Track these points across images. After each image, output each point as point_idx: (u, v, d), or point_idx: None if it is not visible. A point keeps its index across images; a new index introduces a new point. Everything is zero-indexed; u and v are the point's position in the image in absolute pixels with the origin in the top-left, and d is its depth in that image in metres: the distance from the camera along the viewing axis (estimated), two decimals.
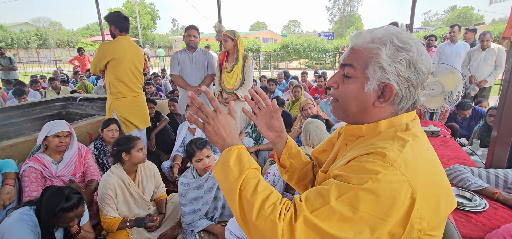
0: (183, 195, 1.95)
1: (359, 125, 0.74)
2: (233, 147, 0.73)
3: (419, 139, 0.67)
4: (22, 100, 4.30)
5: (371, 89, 0.68)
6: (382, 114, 0.71)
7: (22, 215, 1.40)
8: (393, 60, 0.65)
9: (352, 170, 0.62)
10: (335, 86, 0.76)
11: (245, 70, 3.05)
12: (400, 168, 0.58)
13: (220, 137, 0.76)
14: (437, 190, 0.62)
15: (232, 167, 0.69)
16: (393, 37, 0.66)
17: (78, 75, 7.47)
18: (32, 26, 34.63)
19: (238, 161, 0.70)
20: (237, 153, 0.72)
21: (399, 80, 0.66)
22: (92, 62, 2.64)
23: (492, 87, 4.45)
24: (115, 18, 2.56)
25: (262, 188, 0.66)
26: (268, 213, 0.61)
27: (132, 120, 2.74)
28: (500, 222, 1.33)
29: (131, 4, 32.37)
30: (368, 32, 0.70)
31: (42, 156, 1.97)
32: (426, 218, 0.58)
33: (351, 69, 0.70)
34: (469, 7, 42.23)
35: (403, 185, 0.57)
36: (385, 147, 0.62)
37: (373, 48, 0.67)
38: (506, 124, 1.75)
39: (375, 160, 0.60)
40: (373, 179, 0.57)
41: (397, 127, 0.69)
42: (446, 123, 3.48)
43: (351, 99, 0.72)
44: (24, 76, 11.32)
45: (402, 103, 0.69)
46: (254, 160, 0.74)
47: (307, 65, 18.31)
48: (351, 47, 0.73)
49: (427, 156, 0.65)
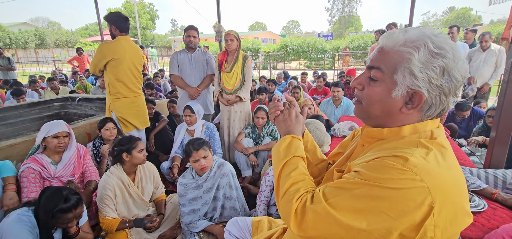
0: (182, 195, 1.94)
1: (381, 128, 0.72)
2: (288, 136, 0.84)
3: (445, 149, 0.64)
4: (20, 101, 4.29)
5: (398, 95, 0.65)
6: (407, 120, 0.68)
7: (21, 215, 1.40)
8: (426, 66, 0.61)
9: (372, 168, 0.62)
10: (360, 88, 0.73)
11: (245, 71, 3.05)
12: (420, 174, 0.56)
13: (286, 124, 0.88)
14: (457, 203, 0.60)
15: (281, 150, 0.81)
16: (428, 41, 0.62)
17: (77, 75, 7.45)
18: (30, 26, 34.54)
19: (287, 147, 0.82)
20: (290, 140, 0.83)
21: (430, 88, 0.62)
22: (91, 62, 2.63)
23: (491, 88, 4.46)
24: (115, 19, 2.55)
25: (296, 173, 0.75)
26: (291, 193, 0.70)
27: (131, 120, 2.73)
28: (499, 222, 1.34)
29: (130, 4, 32.33)
30: (401, 33, 0.65)
31: (40, 157, 1.96)
32: (440, 227, 0.57)
33: (379, 73, 0.67)
34: (468, 8, 42.35)
35: (422, 191, 0.56)
36: (408, 151, 0.61)
37: (405, 53, 0.63)
38: (504, 124, 1.76)
39: (396, 162, 0.59)
40: (390, 180, 0.57)
41: (421, 134, 0.67)
42: (445, 123, 3.48)
43: (376, 102, 0.69)
44: (23, 76, 11.29)
45: (430, 110, 0.66)
46: (303, 151, 0.83)
47: (307, 65, 18.33)
48: (380, 48, 0.68)
49: (451, 168, 0.63)
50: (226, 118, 3.22)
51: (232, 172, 2.03)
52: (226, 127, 3.24)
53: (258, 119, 2.96)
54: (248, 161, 2.87)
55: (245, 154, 2.86)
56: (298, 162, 0.78)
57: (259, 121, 2.96)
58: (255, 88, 4.99)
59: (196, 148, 1.88)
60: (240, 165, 2.92)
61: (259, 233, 1.27)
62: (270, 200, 2.05)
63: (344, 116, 3.52)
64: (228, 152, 3.30)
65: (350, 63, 13.84)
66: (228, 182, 1.98)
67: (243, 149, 2.87)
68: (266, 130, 3.03)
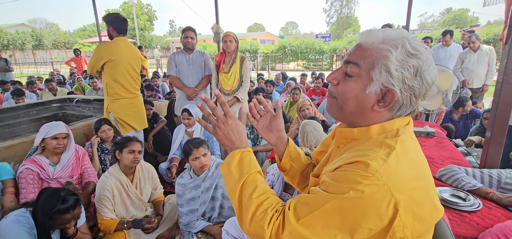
0: (180, 196, 1.95)
1: (352, 128, 0.73)
2: (236, 151, 0.77)
3: (406, 144, 0.65)
4: (20, 101, 4.28)
5: (372, 92, 0.66)
6: (377, 118, 0.69)
7: (19, 216, 1.40)
8: (401, 65, 0.63)
9: (336, 178, 0.62)
10: (334, 83, 0.73)
11: (243, 72, 3.07)
12: (382, 178, 0.57)
13: (230, 140, 0.80)
14: (422, 199, 0.61)
15: (233, 171, 0.74)
16: (405, 41, 0.63)
17: (74, 76, 7.44)
18: (28, 27, 34.40)
19: (239, 165, 0.75)
20: (239, 157, 0.76)
21: (402, 88, 0.64)
22: (89, 63, 2.64)
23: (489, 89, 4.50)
24: (113, 20, 2.56)
25: (258, 193, 0.70)
26: (259, 218, 0.66)
27: (129, 121, 2.73)
28: (493, 221, 1.35)
29: (128, 5, 32.31)
30: (380, 32, 0.66)
31: (39, 158, 1.97)
32: (409, 226, 0.58)
33: (356, 68, 0.67)
34: (465, 9, 42.67)
35: (385, 195, 0.57)
36: (369, 155, 0.61)
37: (383, 50, 0.64)
38: (499, 124, 1.78)
39: (358, 169, 0.60)
40: (354, 189, 0.57)
41: (388, 133, 0.68)
42: (442, 123, 3.51)
43: (350, 98, 0.69)
44: (20, 77, 11.22)
45: (400, 110, 0.68)
46: (256, 164, 0.76)
47: (305, 66, 18.38)
48: (359, 44, 0.69)
49: (413, 164, 0.64)
50: None
51: None
52: None
53: None
54: None
55: None
56: (256, 179, 0.73)
57: None
58: (253, 89, 5.01)
59: (196, 146, 1.89)
60: None
61: None
62: None
63: None
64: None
65: None
66: None
67: None
68: None
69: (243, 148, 0.79)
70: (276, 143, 0.94)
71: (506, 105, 1.73)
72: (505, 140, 1.82)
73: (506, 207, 1.45)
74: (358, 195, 0.57)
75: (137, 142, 1.99)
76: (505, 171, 1.68)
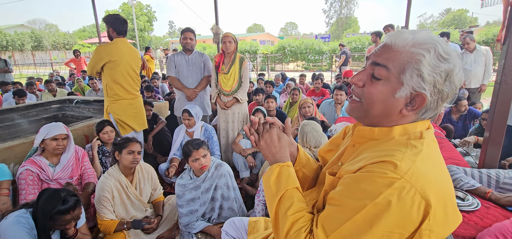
0: (180, 196, 1.95)
1: (372, 128, 0.71)
2: (275, 166, 0.78)
3: (431, 147, 0.65)
4: (20, 102, 4.28)
5: (402, 96, 0.64)
6: (402, 120, 0.68)
7: (19, 217, 1.40)
8: (434, 70, 0.61)
9: (362, 181, 0.60)
10: (360, 84, 0.70)
11: (242, 73, 3.07)
12: (411, 180, 0.56)
13: (271, 152, 0.81)
14: (447, 202, 0.60)
15: (271, 185, 0.75)
16: (437, 45, 0.61)
17: (74, 77, 7.44)
18: (27, 28, 34.40)
19: (277, 180, 0.76)
20: (278, 171, 0.77)
21: (433, 92, 0.62)
22: (88, 64, 2.64)
23: (487, 89, 4.51)
24: (113, 21, 2.56)
25: (293, 211, 0.70)
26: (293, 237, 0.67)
27: (129, 122, 2.74)
28: (492, 220, 1.36)
29: (127, 6, 32.32)
30: (409, 34, 0.64)
31: (39, 159, 1.97)
32: (435, 231, 0.57)
33: (384, 71, 0.65)
34: (464, 10, 42.73)
35: (416, 197, 0.55)
36: (396, 155, 0.60)
37: (416, 53, 0.61)
38: (497, 124, 1.79)
39: (386, 170, 0.58)
40: (384, 194, 0.56)
41: (411, 135, 0.66)
42: (441, 124, 3.52)
43: (378, 102, 0.67)
44: (20, 78, 11.21)
45: (426, 113, 0.66)
46: (294, 179, 0.77)
47: (304, 67, 18.39)
48: (386, 45, 0.66)
49: (439, 168, 0.63)
50: (223, 120, 3.23)
51: (229, 172, 2.05)
52: (223, 129, 3.26)
53: None
54: (246, 162, 2.89)
55: (243, 155, 2.87)
56: (293, 196, 0.73)
57: None
58: (253, 90, 5.01)
59: (195, 147, 1.89)
60: (238, 166, 2.93)
61: (256, 233, 1.29)
62: None
63: (340, 117, 3.54)
64: (224, 154, 3.31)
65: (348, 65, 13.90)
66: (226, 183, 2.00)
67: (241, 150, 2.88)
68: None
69: (282, 162, 0.79)
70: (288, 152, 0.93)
71: (504, 106, 1.74)
72: (503, 140, 1.82)
73: (505, 206, 1.46)
74: (389, 200, 0.55)
75: (136, 143, 2.00)
76: (504, 171, 1.69)
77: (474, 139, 2.75)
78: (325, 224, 0.63)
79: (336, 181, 0.71)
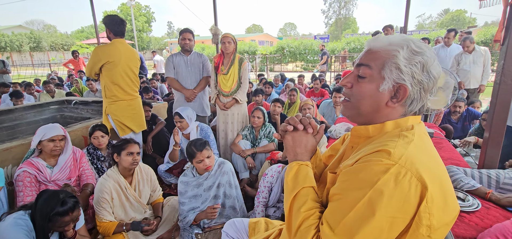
0: (182, 193, 1.96)
1: (366, 126, 0.77)
2: (294, 163, 0.83)
3: (423, 138, 0.70)
4: (18, 103, 4.26)
5: (385, 89, 0.71)
6: (392, 114, 0.74)
7: (17, 219, 1.39)
8: (409, 62, 0.69)
9: (359, 171, 0.65)
10: (348, 86, 0.78)
11: (242, 73, 3.07)
12: (406, 164, 0.60)
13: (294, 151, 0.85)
14: (444, 188, 0.64)
15: (289, 181, 0.80)
16: (409, 42, 0.70)
17: (72, 78, 7.42)
18: (26, 29, 34.27)
19: (295, 176, 0.80)
20: (297, 169, 0.81)
21: (413, 82, 0.70)
22: (87, 65, 2.63)
23: (486, 89, 4.53)
24: (110, 22, 2.55)
25: (306, 208, 0.74)
26: (303, 232, 0.71)
27: (128, 123, 2.73)
28: (492, 221, 1.36)
29: (126, 7, 32.27)
30: (385, 37, 0.74)
31: (36, 160, 1.96)
32: (435, 215, 0.60)
33: (367, 69, 0.73)
34: (462, 10, 42.88)
35: (412, 179, 0.59)
36: (389, 144, 0.65)
37: (391, 50, 0.70)
38: (497, 125, 1.79)
39: (381, 158, 0.63)
40: (382, 180, 0.60)
41: (403, 128, 0.72)
42: (440, 124, 3.52)
43: (365, 98, 0.75)
44: (18, 79, 11.19)
45: (412, 105, 0.73)
46: (311, 178, 0.80)
47: (303, 67, 18.40)
48: (368, 49, 0.76)
49: (431, 156, 0.68)
50: (222, 121, 3.23)
51: (232, 170, 2.05)
52: (222, 130, 3.25)
53: (254, 118, 2.96)
54: (245, 163, 2.88)
55: (242, 156, 2.87)
56: (308, 194, 0.77)
57: (255, 120, 2.97)
58: (252, 91, 5.01)
59: (199, 149, 1.88)
60: (238, 167, 2.92)
61: (256, 234, 1.28)
62: (268, 201, 2.05)
63: (340, 118, 3.54)
64: (223, 155, 3.30)
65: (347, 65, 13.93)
66: (228, 180, 2.00)
67: (241, 151, 2.88)
68: (263, 132, 3.04)
69: (302, 161, 0.83)
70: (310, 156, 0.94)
71: (504, 106, 1.74)
72: (503, 140, 1.82)
73: (505, 207, 1.46)
74: (387, 185, 0.59)
75: (135, 144, 1.99)
76: (504, 171, 1.69)
77: (474, 139, 2.75)
78: (330, 219, 0.66)
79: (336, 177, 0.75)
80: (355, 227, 0.61)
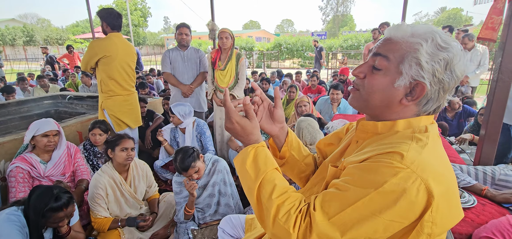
0: (177, 193, 1.94)
1: (375, 122, 0.72)
2: (250, 147, 0.72)
3: (437, 142, 0.65)
4: (10, 99, 4.19)
5: (401, 85, 0.65)
6: (404, 113, 0.68)
7: (9, 215, 1.37)
8: (432, 58, 0.62)
9: (367, 170, 0.60)
10: (361, 76, 0.72)
11: (239, 69, 3.05)
12: (417, 170, 0.56)
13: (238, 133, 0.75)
14: (450, 197, 0.60)
15: (248, 169, 0.69)
16: (436, 34, 0.63)
17: (68, 73, 7.33)
18: (19, 22, 33.72)
19: (254, 163, 0.70)
20: (254, 153, 0.71)
21: (432, 81, 0.63)
22: (82, 59, 2.58)
23: (480, 88, 4.56)
24: (107, 15, 2.50)
25: (277, 193, 0.65)
26: (282, 221, 0.62)
27: (124, 118, 2.69)
28: (488, 217, 1.36)
29: (121, 1, 31.88)
30: (409, 26, 0.66)
31: (29, 156, 1.92)
32: (438, 224, 0.57)
33: (385, 61, 0.66)
34: (459, 9, 43.11)
35: (420, 187, 0.55)
36: (402, 147, 0.60)
37: (414, 43, 0.63)
38: (493, 122, 1.79)
39: (392, 160, 0.58)
40: (389, 182, 0.56)
41: (415, 128, 0.66)
42: (436, 121, 3.54)
43: (377, 92, 0.68)
44: (11, 73, 11.03)
45: (427, 105, 0.67)
46: (272, 160, 0.71)
47: (300, 64, 18.39)
48: (387, 38, 0.68)
49: (443, 162, 0.63)
50: (219, 117, 3.21)
51: (226, 168, 2.03)
52: (219, 126, 3.23)
53: None
54: None
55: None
56: (274, 177, 0.68)
57: None
58: (249, 87, 4.98)
59: (185, 169, 1.80)
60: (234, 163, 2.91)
61: (253, 230, 1.27)
62: None
63: (337, 114, 3.54)
64: (220, 151, 3.29)
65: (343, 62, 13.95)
66: (223, 179, 1.99)
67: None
68: None
69: (257, 142, 0.74)
70: (278, 134, 0.90)
71: (501, 103, 1.75)
72: (499, 137, 1.83)
73: (500, 203, 1.47)
74: (393, 189, 0.55)
75: (129, 139, 1.96)
76: (499, 168, 1.69)
77: (470, 136, 2.77)
78: (326, 207, 0.61)
79: (339, 172, 0.70)
80: (350, 223, 0.58)
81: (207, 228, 1.94)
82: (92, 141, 2.49)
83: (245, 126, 0.74)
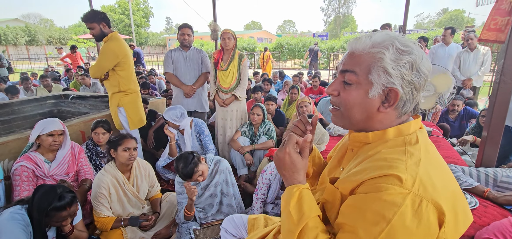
0: (179, 193, 1.95)
1: (366, 132, 0.72)
2: (295, 188, 0.72)
3: (430, 153, 0.65)
4: (14, 99, 4.21)
5: (375, 95, 0.66)
6: (386, 119, 0.69)
7: (14, 214, 1.38)
8: (397, 63, 0.63)
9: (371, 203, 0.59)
10: (335, 94, 0.73)
11: (241, 70, 3.06)
12: (419, 192, 0.56)
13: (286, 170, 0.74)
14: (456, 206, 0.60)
15: (291, 210, 0.69)
16: (394, 40, 0.65)
17: (70, 73, 7.36)
18: (22, 22, 33.86)
19: (298, 205, 0.70)
20: (299, 195, 0.71)
21: (403, 84, 0.64)
22: (97, 65, 2.47)
23: (482, 89, 4.55)
24: (103, 16, 2.46)
25: None
26: None
27: (141, 115, 2.76)
28: (490, 219, 1.37)
29: (124, 1, 31.98)
30: (367, 37, 0.67)
31: (34, 155, 1.94)
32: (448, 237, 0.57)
33: (353, 76, 0.68)
34: (461, 10, 42.96)
35: (428, 208, 0.55)
36: (398, 166, 0.59)
37: (376, 53, 0.65)
38: (496, 124, 1.79)
39: (392, 184, 0.58)
40: (398, 213, 0.55)
41: (406, 136, 0.67)
42: (438, 123, 3.54)
43: (355, 106, 0.69)
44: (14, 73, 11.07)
45: (405, 107, 0.68)
46: (316, 205, 0.72)
47: (302, 65, 18.38)
48: (350, 53, 0.70)
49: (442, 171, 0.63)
50: (221, 118, 3.22)
51: (228, 168, 2.04)
52: (221, 127, 3.24)
53: (254, 115, 2.96)
54: (243, 160, 2.88)
55: (241, 153, 2.86)
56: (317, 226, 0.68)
57: (255, 117, 2.96)
58: (251, 87, 5.00)
59: (189, 176, 1.79)
60: (236, 163, 2.92)
61: (255, 230, 1.28)
62: (266, 198, 2.05)
63: None
64: (221, 152, 3.30)
65: None
66: (225, 179, 1.99)
67: (239, 148, 2.87)
68: (262, 129, 3.03)
69: (302, 184, 0.73)
70: None
71: (503, 105, 1.75)
72: (501, 139, 1.83)
73: (503, 205, 1.47)
74: (404, 218, 0.55)
75: (131, 139, 1.97)
76: (501, 170, 1.70)
77: (472, 138, 2.77)
78: None
79: (338, 193, 0.71)
80: None
81: (209, 228, 1.94)
82: (95, 140, 2.50)
83: (296, 162, 0.74)
